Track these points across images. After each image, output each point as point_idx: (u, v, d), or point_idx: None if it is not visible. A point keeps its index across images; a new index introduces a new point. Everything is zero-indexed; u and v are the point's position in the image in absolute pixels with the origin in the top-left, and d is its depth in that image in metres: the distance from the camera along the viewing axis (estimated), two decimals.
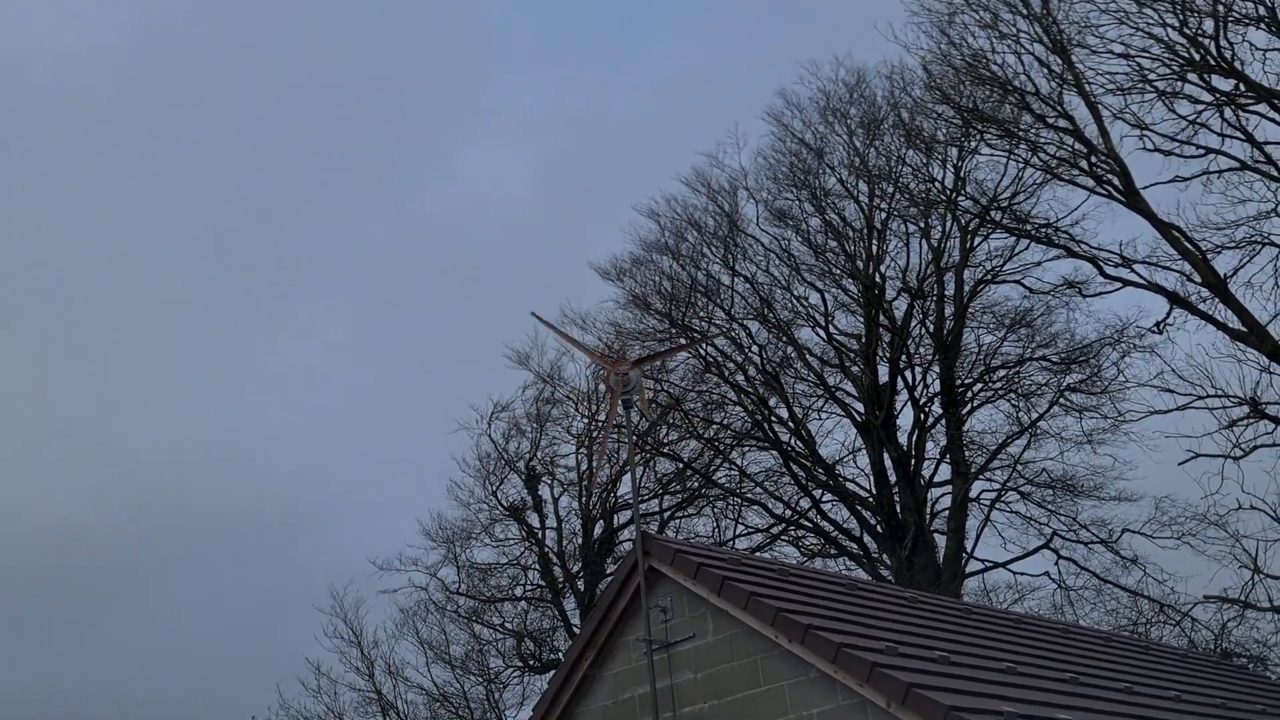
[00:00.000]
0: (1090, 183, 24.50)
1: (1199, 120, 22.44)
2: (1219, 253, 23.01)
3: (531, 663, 28.09)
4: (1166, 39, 22.55)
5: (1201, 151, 22.71)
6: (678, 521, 30.05)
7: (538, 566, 28.76)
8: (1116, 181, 24.00)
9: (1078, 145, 24.01)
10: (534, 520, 28.96)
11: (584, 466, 28.73)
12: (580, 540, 28.84)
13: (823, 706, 8.42)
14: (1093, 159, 23.74)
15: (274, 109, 57.91)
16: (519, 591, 28.85)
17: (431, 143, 57.47)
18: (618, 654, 9.99)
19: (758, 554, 26.88)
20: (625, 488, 29.19)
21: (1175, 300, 23.92)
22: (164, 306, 54.73)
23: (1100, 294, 24.88)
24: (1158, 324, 24.87)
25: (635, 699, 9.76)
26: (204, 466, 47.84)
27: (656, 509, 29.91)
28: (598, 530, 28.87)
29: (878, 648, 8.39)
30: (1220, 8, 21.23)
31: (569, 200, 54.06)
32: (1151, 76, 23.04)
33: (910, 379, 27.51)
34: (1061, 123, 23.92)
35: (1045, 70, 24.02)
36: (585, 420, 28.62)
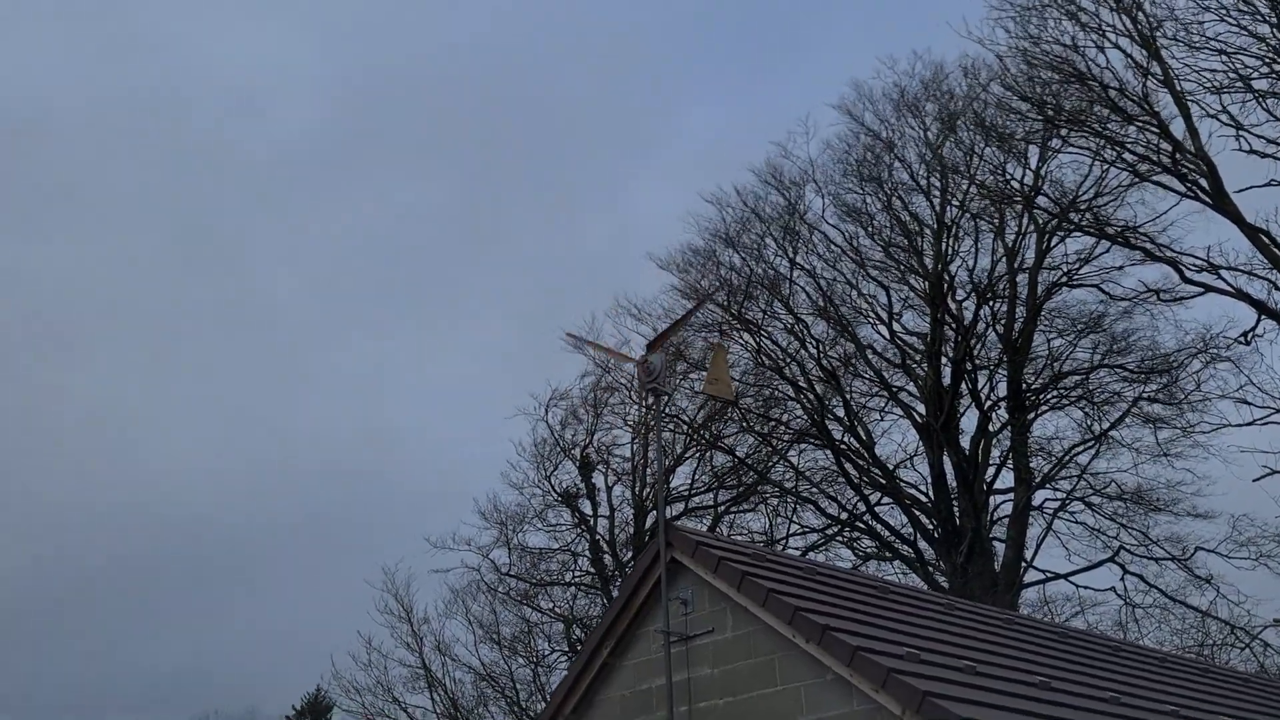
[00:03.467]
0: (1177, 184, 23.50)
1: None
2: None
3: (579, 648, 28.13)
4: (1274, 37, 21.45)
5: None
6: (732, 517, 29.79)
7: (588, 554, 28.79)
8: (1204, 183, 22.97)
9: (1164, 144, 23.03)
10: (586, 507, 29.01)
11: (638, 456, 28.64)
12: (632, 529, 28.75)
13: (838, 710, 8.13)
14: (1179, 158, 22.73)
15: (457, 140, 60.59)
16: (569, 577, 28.92)
17: (598, 173, 58.76)
18: (637, 644, 9.82)
19: (810, 554, 26.49)
20: (679, 479, 29.02)
21: (1263, 310, 22.82)
22: (335, 321, 58.50)
23: (1181, 299, 23.90)
24: (1244, 334, 23.80)
25: (653, 690, 9.58)
26: (355, 467, 50.45)
27: (711, 503, 29.68)
28: (650, 520, 28.75)
29: (897, 653, 8.06)
30: None
31: None
32: (1252, 76, 21.98)
33: (975, 382, 26.75)
34: (1147, 120, 22.96)
35: (1131, 65, 23.08)
36: (641, 409, 28.52)
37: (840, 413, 27.19)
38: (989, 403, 26.76)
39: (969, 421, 26.81)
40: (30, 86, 62.46)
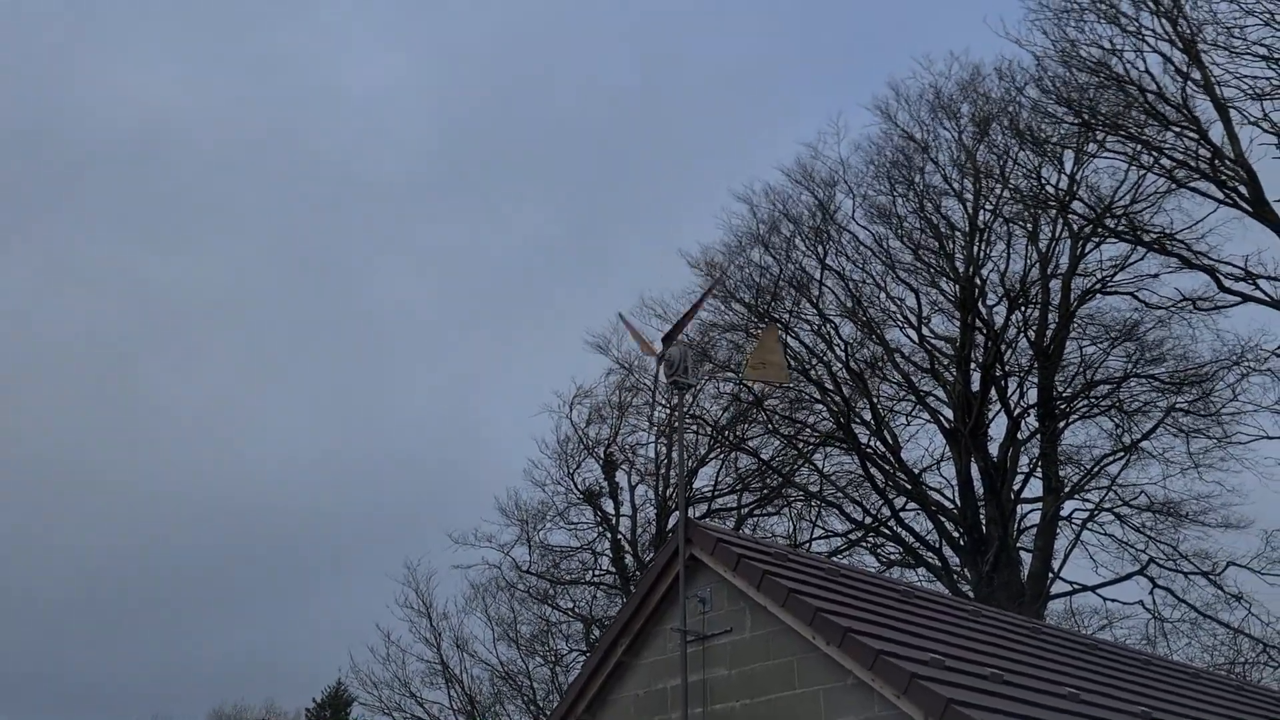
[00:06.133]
0: (1215, 191, 23.03)
1: None
2: None
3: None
4: None
5: None
6: (755, 520, 29.50)
7: (609, 553, 28.61)
8: (1244, 190, 22.50)
9: (1202, 150, 22.58)
10: (609, 506, 28.84)
11: (662, 456, 28.43)
12: (654, 530, 28.55)
13: (859, 715, 7.90)
14: (1218, 165, 22.28)
15: (564, 165, 61.77)
16: (589, 577, 28.77)
17: (699, 193, 59.50)
18: (653, 643, 9.63)
19: (834, 558, 26.16)
20: (702, 481, 28.79)
21: None
22: (435, 332, 60.45)
23: (1218, 308, 23.41)
24: None
25: (668, 690, 9.39)
26: (438, 467, 51.44)
27: (734, 505, 29.41)
28: (672, 520, 28.54)
29: (921, 658, 7.83)
30: None
31: None
32: None
33: (1004, 388, 26.34)
34: (1186, 125, 22.52)
35: (1170, 70, 22.66)
36: (666, 410, 28.31)
37: (866, 416, 26.86)
38: (1018, 410, 26.34)
39: (997, 428, 26.44)
40: (160, 103, 65.68)
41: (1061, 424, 25.90)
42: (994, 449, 26.11)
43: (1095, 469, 25.67)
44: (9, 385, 60.85)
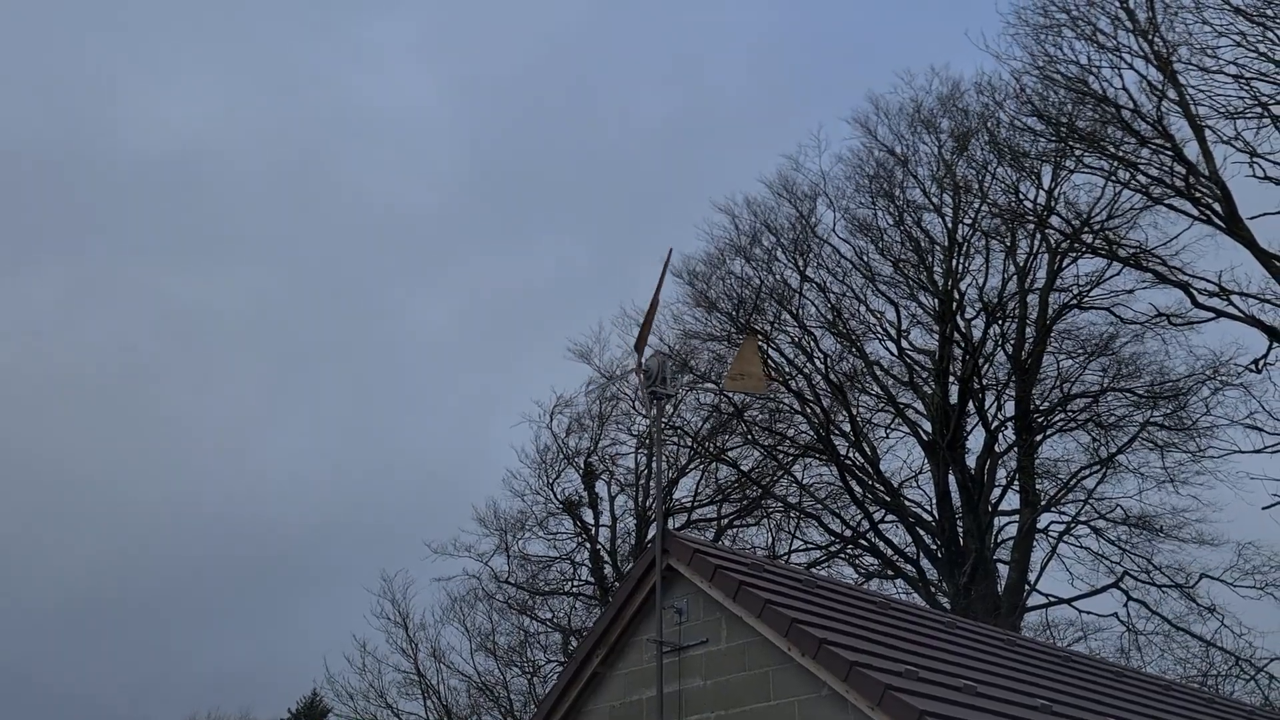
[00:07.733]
0: (1190, 208, 23.31)
1: None
2: None
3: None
4: None
5: None
6: (735, 531, 29.52)
7: (589, 563, 28.56)
8: (1218, 207, 22.78)
9: (1177, 167, 22.86)
10: (588, 517, 28.79)
11: (642, 466, 28.43)
12: (634, 540, 28.53)
13: None
14: (1192, 182, 22.55)
15: (588, 198, 62.20)
16: (568, 587, 28.69)
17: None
18: (629, 653, 9.62)
19: (812, 570, 26.19)
20: (682, 492, 28.82)
21: (1275, 337, 22.58)
22: (452, 359, 61.59)
23: (1192, 324, 23.66)
24: (1255, 362, 23.57)
25: (643, 701, 9.38)
26: (442, 487, 51.61)
27: (714, 516, 29.43)
28: (651, 531, 28.49)
29: (895, 670, 7.86)
30: None
31: None
32: (1267, 101, 21.81)
33: (982, 401, 26.52)
34: (1161, 142, 22.81)
35: (1146, 88, 22.95)
36: (646, 420, 28.28)
37: (846, 428, 26.97)
38: (996, 423, 26.53)
39: (975, 441, 26.62)
40: (195, 128, 66.77)
41: (1039, 437, 26.10)
42: (971, 461, 26.27)
43: (1072, 482, 25.87)
44: (29, 400, 61.02)
